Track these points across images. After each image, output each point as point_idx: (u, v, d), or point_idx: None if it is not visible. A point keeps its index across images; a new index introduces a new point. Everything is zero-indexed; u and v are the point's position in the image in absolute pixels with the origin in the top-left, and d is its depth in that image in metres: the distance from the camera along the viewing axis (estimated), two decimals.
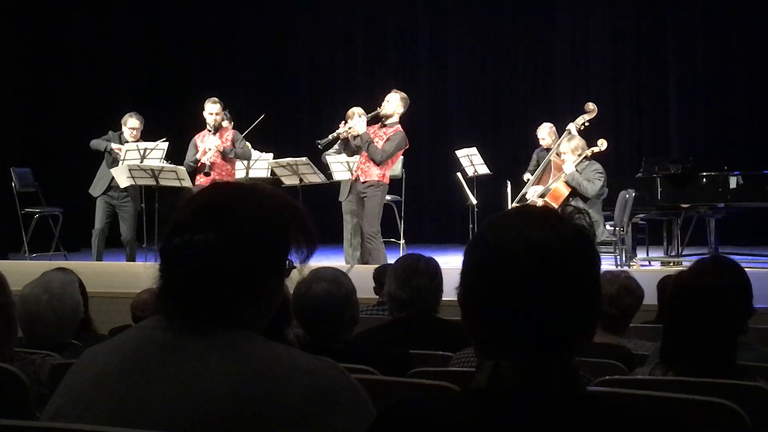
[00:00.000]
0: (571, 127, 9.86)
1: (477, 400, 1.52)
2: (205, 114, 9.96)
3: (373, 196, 8.98)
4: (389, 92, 9.22)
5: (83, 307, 3.72)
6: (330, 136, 9.39)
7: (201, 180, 9.70)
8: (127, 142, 10.13)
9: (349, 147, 9.31)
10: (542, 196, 9.37)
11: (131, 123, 10.18)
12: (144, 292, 4.42)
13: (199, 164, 9.80)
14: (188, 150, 10.02)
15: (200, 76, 14.64)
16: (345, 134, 9.22)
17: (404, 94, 9.17)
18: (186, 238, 1.69)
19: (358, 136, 9.10)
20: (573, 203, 9.13)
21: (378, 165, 8.94)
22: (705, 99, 13.70)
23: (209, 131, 9.93)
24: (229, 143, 9.93)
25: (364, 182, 9.00)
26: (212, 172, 9.71)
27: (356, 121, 9.10)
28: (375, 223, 9.00)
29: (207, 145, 9.82)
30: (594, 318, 1.56)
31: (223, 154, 9.87)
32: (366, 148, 8.95)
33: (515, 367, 1.50)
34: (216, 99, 10.05)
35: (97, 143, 10.19)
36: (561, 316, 1.50)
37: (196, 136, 10.07)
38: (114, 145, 10.05)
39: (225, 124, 10.48)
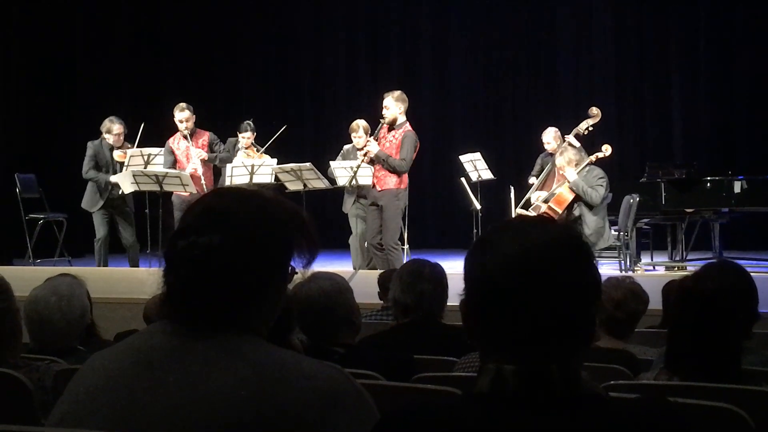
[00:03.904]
0: (571, 138, 9.87)
1: (480, 404, 1.54)
2: (176, 121, 9.97)
3: (392, 206, 8.98)
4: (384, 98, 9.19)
5: (89, 312, 3.73)
6: (352, 172, 9.36)
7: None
8: (112, 148, 10.12)
9: (371, 160, 9.29)
10: (546, 201, 9.38)
11: (116, 129, 10.11)
12: (157, 296, 4.42)
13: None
14: (164, 156, 10.01)
15: (203, 83, 14.66)
16: (366, 160, 9.21)
17: (398, 92, 9.14)
18: (191, 240, 1.70)
19: (374, 156, 9.08)
20: (577, 208, 9.17)
21: (402, 173, 8.97)
22: (709, 104, 13.70)
23: (184, 136, 9.95)
24: (206, 149, 9.99)
25: (381, 190, 8.99)
26: (197, 183, 9.70)
27: (370, 143, 9.10)
28: (395, 234, 9.00)
29: (192, 162, 9.82)
30: (591, 323, 1.58)
31: (209, 161, 9.95)
32: (386, 166, 8.95)
33: (517, 370, 1.52)
34: (184, 105, 10.01)
35: (92, 176, 10.10)
36: (560, 323, 1.53)
37: (170, 141, 10.07)
38: (113, 178, 10.03)
39: (247, 134, 10.42)
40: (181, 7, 15.08)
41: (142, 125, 10.19)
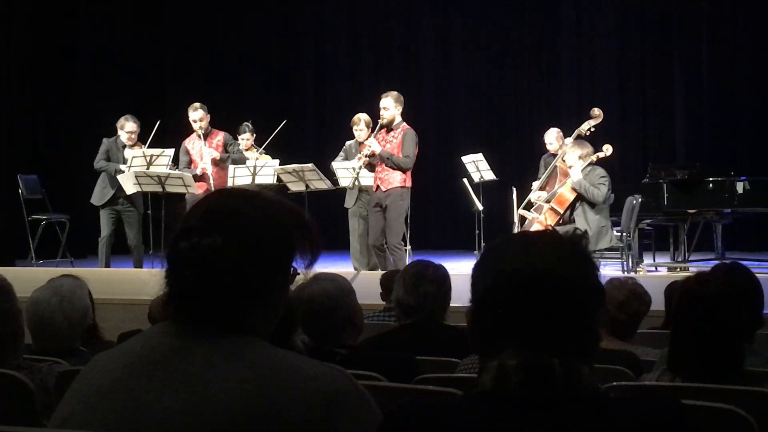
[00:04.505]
0: (572, 138, 9.89)
1: (483, 402, 1.56)
2: (190, 121, 10.00)
3: (397, 206, 8.96)
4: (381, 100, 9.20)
5: (91, 313, 3.73)
6: (355, 173, 9.37)
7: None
8: (125, 146, 10.12)
9: (369, 164, 9.30)
10: (548, 201, 9.42)
11: (129, 127, 10.13)
12: (161, 297, 4.42)
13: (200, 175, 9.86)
14: (180, 156, 10.06)
15: (206, 83, 14.66)
16: (367, 160, 9.21)
17: (394, 93, 9.15)
18: (194, 241, 1.70)
19: (375, 155, 9.08)
20: (579, 208, 9.21)
21: (408, 170, 8.97)
22: (711, 104, 13.69)
23: (198, 136, 9.98)
24: (221, 149, 9.99)
25: (386, 191, 8.98)
26: (206, 182, 9.72)
27: (372, 143, 9.09)
28: (399, 233, 9.00)
29: (203, 161, 9.84)
30: (596, 329, 1.63)
31: (221, 161, 9.94)
32: (391, 164, 8.94)
33: (520, 365, 1.54)
34: (197, 105, 10.04)
35: (102, 166, 10.14)
36: (565, 330, 1.57)
37: (186, 141, 10.11)
38: (122, 167, 10.03)
39: (246, 135, 10.48)
40: (183, 5, 15.07)
41: (158, 122, 10.22)
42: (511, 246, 1.65)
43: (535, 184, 10.18)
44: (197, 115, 9.99)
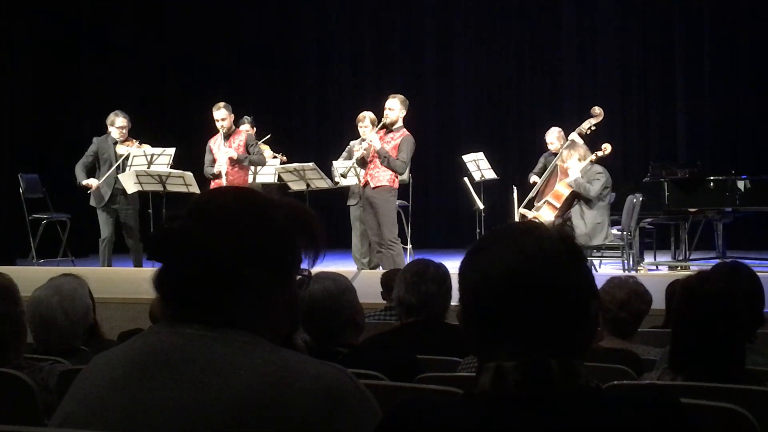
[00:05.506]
0: (574, 135, 9.93)
1: (482, 402, 1.55)
2: (215, 120, 9.99)
3: (387, 202, 8.99)
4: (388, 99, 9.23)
5: (92, 312, 3.73)
6: (350, 163, 9.40)
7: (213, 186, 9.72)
8: (116, 142, 10.09)
9: (362, 160, 9.30)
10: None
11: (119, 122, 10.09)
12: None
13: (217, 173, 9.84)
14: (205, 154, 10.02)
15: (207, 82, 14.65)
16: (363, 154, 9.20)
17: (402, 96, 9.18)
18: (170, 226, 1.71)
19: (376, 151, 9.08)
20: (577, 204, 9.32)
21: (401, 174, 9.05)
22: (712, 103, 13.69)
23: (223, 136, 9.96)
24: (242, 149, 9.90)
25: (374, 188, 8.99)
26: (224, 179, 9.73)
27: (373, 139, 9.08)
28: (393, 229, 9.01)
29: (219, 161, 9.78)
30: (589, 322, 1.61)
31: (238, 161, 9.84)
32: (386, 164, 8.96)
33: (517, 365, 1.53)
34: (221, 104, 9.95)
35: (77, 172, 10.14)
36: (558, 324, 1.55)
37: (210, 141, 10.04)
38: (86, 181, 10.03)
39: (245, 128, 10.46)
40: (184, 5, 15.07)
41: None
42: (498, 245, 1.61)
43: (534, 179, 10.23)
44: (220, 114, 9.88)
